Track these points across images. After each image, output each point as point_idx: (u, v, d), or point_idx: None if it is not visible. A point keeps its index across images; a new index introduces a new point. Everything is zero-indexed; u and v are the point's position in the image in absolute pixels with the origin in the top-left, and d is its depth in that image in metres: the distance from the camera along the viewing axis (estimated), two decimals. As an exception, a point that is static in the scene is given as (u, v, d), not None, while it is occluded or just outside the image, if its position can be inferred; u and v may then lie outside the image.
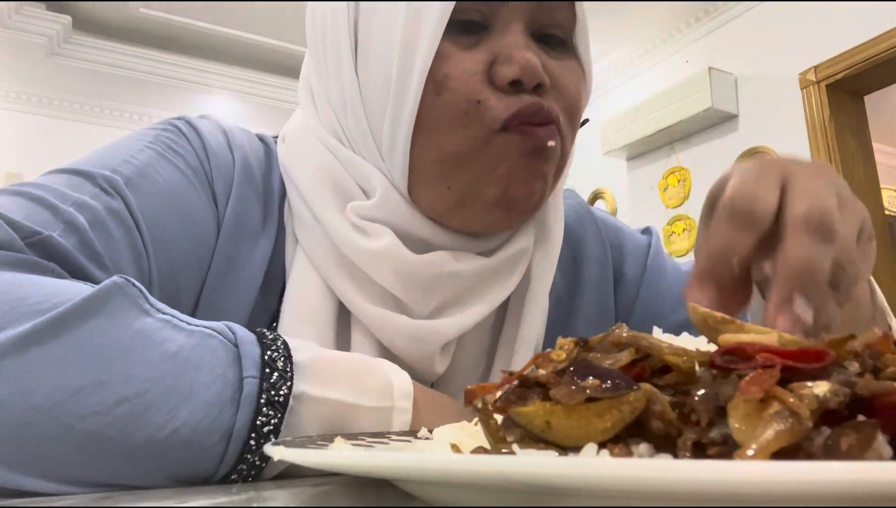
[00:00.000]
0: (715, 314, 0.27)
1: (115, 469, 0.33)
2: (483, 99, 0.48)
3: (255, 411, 0.35)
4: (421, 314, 0.52)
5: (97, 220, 0.44)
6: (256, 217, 0.54)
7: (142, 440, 0.33)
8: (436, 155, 0.49)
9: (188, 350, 0.35)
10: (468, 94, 0.48)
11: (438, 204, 0.51)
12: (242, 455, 0.35)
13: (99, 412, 0.32)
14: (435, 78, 0.48)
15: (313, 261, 0.52)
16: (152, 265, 0.46)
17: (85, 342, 0.33)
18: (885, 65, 2.82)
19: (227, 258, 0.51)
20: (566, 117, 0.51)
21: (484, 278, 0.53)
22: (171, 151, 0.52)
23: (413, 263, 0.50)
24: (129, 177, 0.48)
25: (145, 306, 0.36)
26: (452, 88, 0.48)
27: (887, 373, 0.23)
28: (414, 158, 0.50)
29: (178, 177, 0.51)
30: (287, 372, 0.37)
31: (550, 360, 0.26)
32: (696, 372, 0.24)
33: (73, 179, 0.46)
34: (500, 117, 0.48)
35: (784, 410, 0.21)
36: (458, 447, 0.28)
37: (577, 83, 0.53)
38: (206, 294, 0.50)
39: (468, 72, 0.48)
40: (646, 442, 0.23)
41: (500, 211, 0.50)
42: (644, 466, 0.17)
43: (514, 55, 0.48)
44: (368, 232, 0.50)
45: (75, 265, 0.41)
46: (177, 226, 0.49)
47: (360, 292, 0.51)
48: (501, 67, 0.48)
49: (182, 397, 0.34)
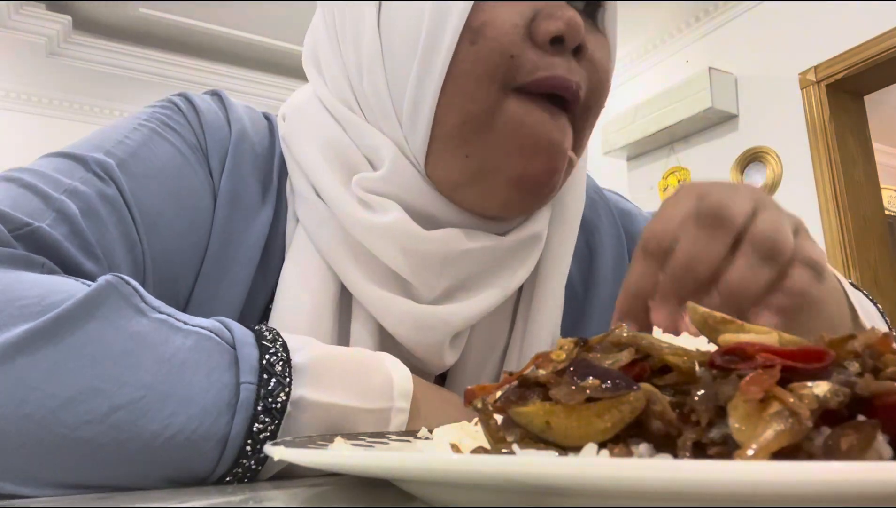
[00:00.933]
0: (715, 314, 0.27)
1: (110, 474, 0.33)
2: (517, 54, 0.45)
3: (251, 418, 0.34)
4: (428, 299, 0.49)
5: (89, 208, 0.43)
6: (254, 192, 0.51)
7: (137, 447, 0.32)
8: (458, 116, 0.46)
9: (184, 353, 0.35)
10: (505, 45, 0.45)
11: (454, 174, 0.48)
12: (238, 460, 0.34)
13: (93, 420, 0.32)
14: (471, 26, 0.45)
15: (314, 241, 0.50)
16: (146, 252, 0.45)
17: (79, 349, 0.33)
18: (885, 65, 2.82)
19: (224, 233, 0.49)
20: (592, 94, 0.50)
21: (497, 259, 0.51)
22: (166, 128, 0.50)
23: (422, 239, 0.47)
24: (123, 159, 0.46)
25: (140, 305, 0.36)
26: (490, 36, 0.45)
27: (887, 373, 0.23)
28: (436, 122, 0.47)
29: (174, 154, 0.49)
30: (285, 377, 0.36)
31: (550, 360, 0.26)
32: (696, 372, 0.24)
33: (66, 164, 0.45)
34: (527, 78, 0.46)
35: (784, 410, 0.21)
36: (458, 447, 0.27)
37: (607, 60, 0.51)
38: (204, 273, 0.49)
39: (508, 22, 0.46)
40: (646, 442, 0.23)
41: (517, 190, 0.48)
42: (644, 466, 0.17)
43: (556, 12, 0.46)
44: (374, 207, 0.48)
45: (66, 257, 0.40)
46: (172, 207, 0.47)
47: (364, 273, 0.48)
48: (544, 22, 0.46)
49: (177, 403, 0.33)
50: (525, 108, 0.46)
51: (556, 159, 0.48)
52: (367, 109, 0.51)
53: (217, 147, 0.51)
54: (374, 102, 0.50)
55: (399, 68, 0.48)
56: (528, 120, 0.46)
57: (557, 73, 0.46)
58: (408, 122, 0.48)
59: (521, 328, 0.54)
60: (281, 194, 0.53)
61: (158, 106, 0.53)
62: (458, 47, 0.45)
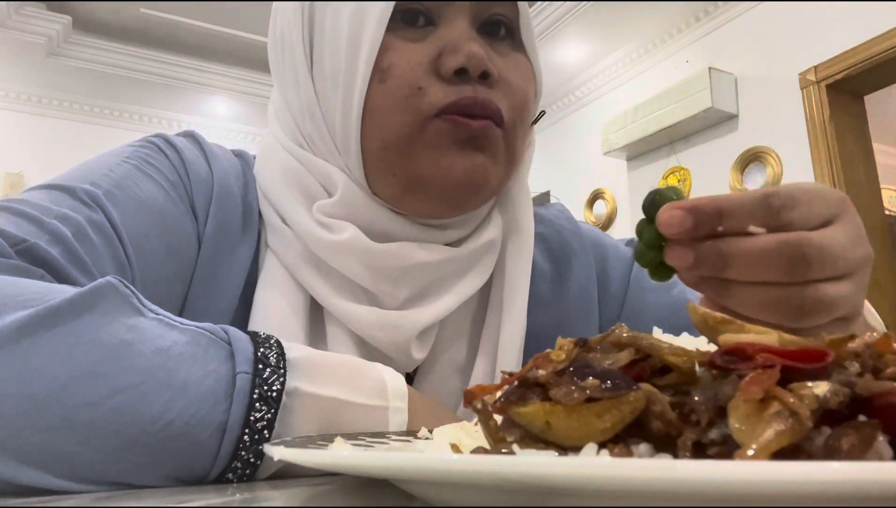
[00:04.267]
0: (715, 314, 0.27)
1: (110, 462, 0.33)
2: (424, 86, 0.50)
3: (247, 406, 0.35)
4: (391, 306, 0.53)
5: (80, 231, 0.45)
6: (236, 229, 0.55)
7: (135, 432, 0.33)
8: (380, 142, 0.51)
9: (181, 346, 0.36)
10: (411, 80, 0.50)
11: (389, 190, 0.53)
12: (237, 451, 0.35)
13: (92, 402, 0.32)
14: (380, 67, 0.50)
15: (283, 262, 0.54)
16: (135, 275, 0.48)
17: (79, 335, 0.34)
18: (885, 65, 2.82)
19: (210, 271, 0.53)
20: (512, 111, 0.53)
21: (452, 269, 0.55)
22: (149, 166, 0.53)
23: (378, 252, 0.52)
24: (109, 189, 0.49)
25: (138, 305, 0.37)
26: (396, 74, 0.50)
27: (887, 373, 0.23)
28: (363, 149, 0.52)
29: (157, 190, 0.52)
30: (280, 368, 0.37)
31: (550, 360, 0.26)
32: (696, 372, 0.24)
33: (54, 195, 0.47)
34: (437, 104, 0.50)
35: (784, 410, 0.20)
36: (458, 447, 0.28)
37: (524, 78, 0.54)
38: (190, 303, 0.52)
39: (413, 61, 0.50)
40: (646, 442, 0.23)
41: (443, 198, 0.52)
42: (644, 466, 0.17)
43: (459, 45, 0.50)
44: (332, 228, 0.52)
45: (63, 272, 0.42)
46: (157, 237, 0.50)
47: (331, 287, 0.53)
48: (447, 57, 0.50)
49: (176, 390, 0.34)
50: (435, 126, 0.50)
51: (475, 171, 0.51)
52: (313, 145, 0.56)
53: (201, 187, 0.55)
54: (317, 138, 0.55)
55: (330, 108, 0.53)
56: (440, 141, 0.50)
57: (462, 95, 0.50)
58: (343, 152, 0.54)
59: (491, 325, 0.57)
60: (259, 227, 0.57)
61: (138, 145, 0.56)
62: (370, 86, 0.51)
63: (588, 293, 0.64)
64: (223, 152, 0.60)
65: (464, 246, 0.56)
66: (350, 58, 0.51)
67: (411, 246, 0.53)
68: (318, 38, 0.54)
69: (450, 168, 0.51)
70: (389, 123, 0.50)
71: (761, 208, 0.33)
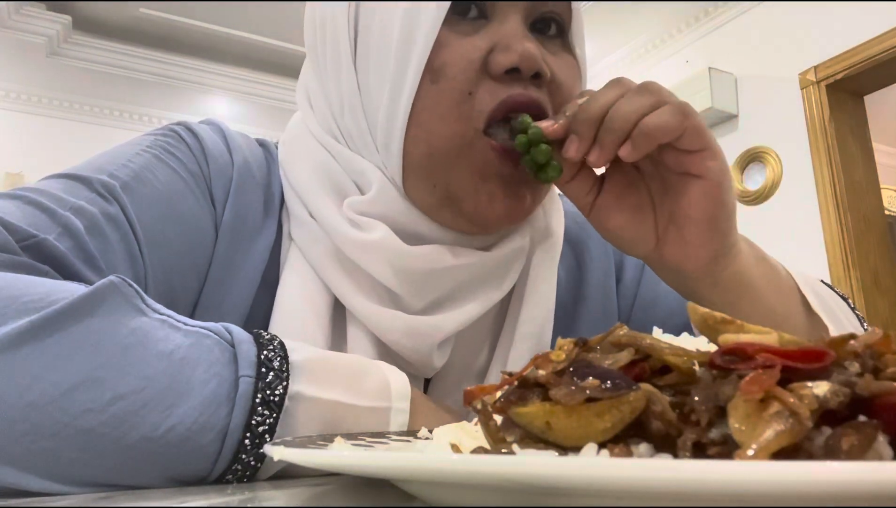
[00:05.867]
0: (715, 314, 0.27)
1: (111, 467, 0.33)
2: (474, 91, 0.48)
3: (249, 410, 0.35)
4: (416, 309, 0.52)
5: (94, 224, 0.44)
6: (256, 219, 0.54)
7: (137, 438, 0.33)
8: (426, 148, 0.49)
9: (184, 349, 0.36)
10: (462, 83, 0.48)
11: (426, 199, 0.51)
12: (237, 454, 0.35)
13: (94, 409, 0.32)
14: (432, 66, 0.48)
15: (308, 258, 0.52)
16: (148, 269, 0.47)
17: (81, 340, 0.33)
18: (885, 65, 2.82)
19: (227, 261, 0.52)
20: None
21: (480, 274, 0.53)
22: (168, 155, 0.52)
23: (408, 255, 0.50)
24: (126, 181, 0.48)
25: (141, 305, 0.37)
26: (450, 75, 0.48)
27: (887, 373, 0.23)
28: (406, 153, 0.50)
29: (176, 180, 0.51)
30: (283, 372, 0.37)
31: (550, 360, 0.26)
32: (696, 372, 0.24)
33: (71, 185, 0.46)
34: (486, 109, 0.48)
35: (784, 410, 0.20)
36: (458, 447, 0.27)
37: (574, 79, 0.53)
38: (206, 295, 0.51)
39: (465, 59, 0.48)
40: (646, 442, 0.23)
41: (478, 223, 0.51)
42: (644, 466, 0.17)
43: (512, 44, 0.48)
44: (363, 226, 0.50)
45: (70, 269, 0.41)
46: (173, 230, 0.49)
47: (356, 287, 0.51)
48: (499, 55, 0.48)
49: (177, 395, 0.34)
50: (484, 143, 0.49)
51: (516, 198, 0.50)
52: (350, 140, 0.54)
53: (220, 176, 0.53)
54: (355, 134, 0.53)
55: (373, 107, 0.51)
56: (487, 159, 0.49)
57: (512, 92, 0.48)
58: (383, 150, 0.51)
59: (509, 329, 0.56)
60: (280, 218, 0.56)
61: (160, 134, 0.55)
62: (420, 86, 0.48)
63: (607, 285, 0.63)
64: (246, 140, 0.58)
65: (494, 250, 0.54)
66: (401, 54, 0.49)
67: (442, 250, 0.51)
68: (364, 28, 0.52)
69: (492, 200, 0.49)
70: (438, 130, 0.49)
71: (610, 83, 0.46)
